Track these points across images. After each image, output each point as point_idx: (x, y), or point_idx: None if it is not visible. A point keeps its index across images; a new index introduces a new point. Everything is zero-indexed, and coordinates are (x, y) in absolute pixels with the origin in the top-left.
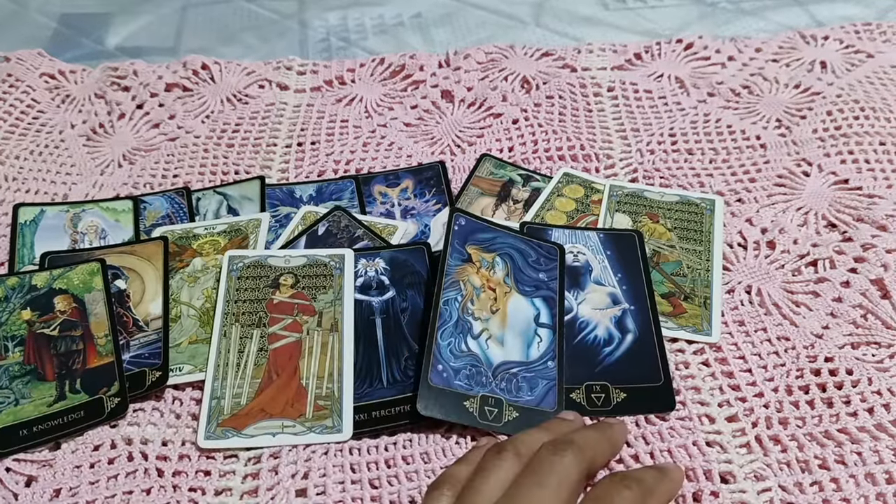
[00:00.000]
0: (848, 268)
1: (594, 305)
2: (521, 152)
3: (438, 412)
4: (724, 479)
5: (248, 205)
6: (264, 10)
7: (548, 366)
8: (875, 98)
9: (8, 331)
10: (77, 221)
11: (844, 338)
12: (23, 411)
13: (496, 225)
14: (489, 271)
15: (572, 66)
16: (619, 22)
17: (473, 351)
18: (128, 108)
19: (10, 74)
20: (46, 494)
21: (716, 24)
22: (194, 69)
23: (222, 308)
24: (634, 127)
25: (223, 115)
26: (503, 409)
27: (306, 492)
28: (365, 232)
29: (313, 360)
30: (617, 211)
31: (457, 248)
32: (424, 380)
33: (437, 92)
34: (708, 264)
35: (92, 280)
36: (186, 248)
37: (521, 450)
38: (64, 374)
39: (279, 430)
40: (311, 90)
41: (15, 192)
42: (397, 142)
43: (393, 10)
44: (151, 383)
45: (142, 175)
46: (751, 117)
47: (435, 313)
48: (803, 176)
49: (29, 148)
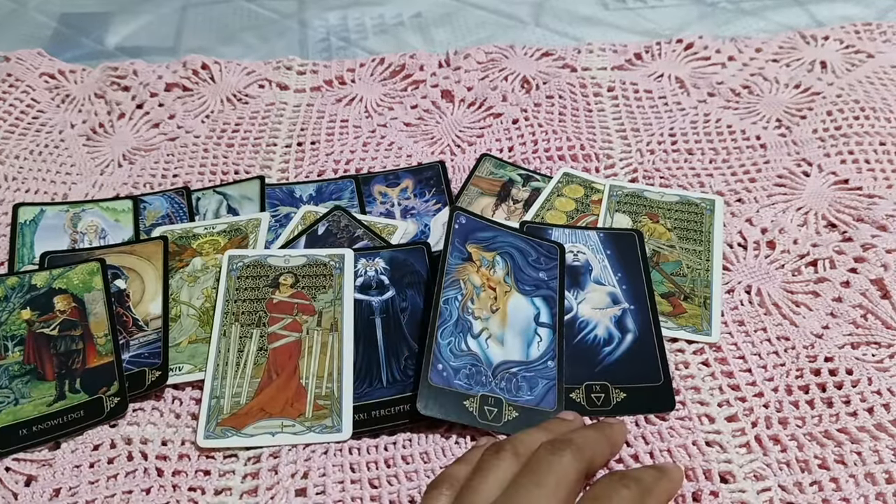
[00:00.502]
0: (848, 268)
1: (594, 305)
2: (521, 152)
3: (438, 412)
4: (724, 478)
5: (248, 204)
6: (264, 9)
7: (548, 365)
8: (875, 98)
9: (8, 330)
10: (77, 221)
11: (844, 338)
12: (22, 411)
13: (496, 224)
14: (489, 270)
15: (572, 66)
16: (620, 22)
17: (473, 350)
18: (128, 107)
19: (10, 74)
20: (46, 494)
21: (716, 25)
22: (194, 69)
23: (222, 307)
24: (634, 127)
25: (223, 114)
26: (503, 408)
27: (306, 491)
28: (365, 232)
29: (313, 360)
30: (617, 211)
31: (457, 247)
32: (424, 379)
33: (437, 92)
34: (708, 264)
35: (92, 280)
36: (186, 247)
37: (520, 449)
38: (64, 373)
39: (279, 429)
40: (311, 90)
41: (15, 191)
42: (397, 142)
43: (393, 10)
44: (151, 383)
45: (142, 175)
46: (751, 117)
47: (435, 312)
48: (803, 176)
49: (29, 148)
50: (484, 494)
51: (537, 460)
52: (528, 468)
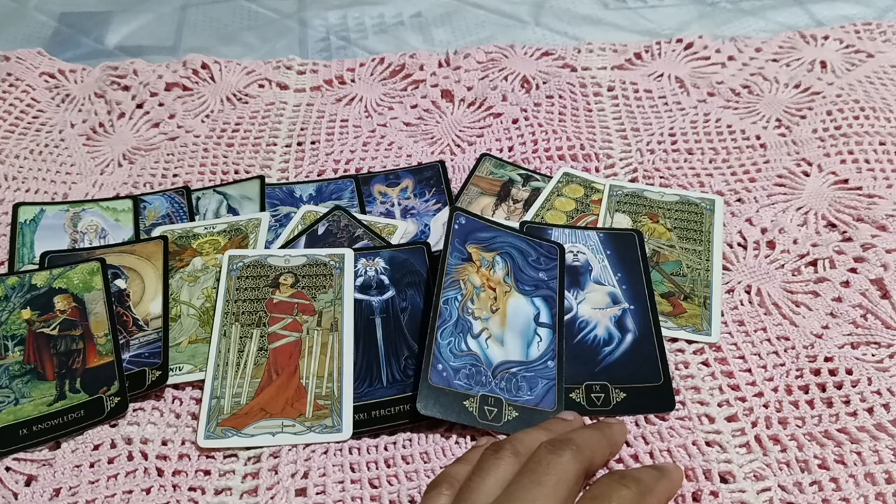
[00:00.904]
0: (848, 268)
1: (594, 305)
2: (520, 152)
3: (438, 412)
4: (724, 478)
5: (248, 204)
6: (264, 9)
7: (547, 365)
8: (875, 98)
9: (8, 330)
10: (77, 221)
11: (844, 337)
12: (23, 410)
13: (496, 224)
14: (489, 270)
15: (572, 65)
16: (619, 22)
17: (473, 350)
18: (128, 107)
19: (10, 73)
20: (46, 494)
21: (716, 24)
22: (194, 68)
23: (222, 307)
24: (634, 126)
25: (223, 114)
26: (503, 408)
27: (306, 491)
28: (365, 231)
29: (313, 360)
30: (617, 211)
31: (457, 247)
32: (424, 379)
33: (437, 91)
34: (708, 264)
35: (92, 279)
36: (186, 247)
37: (520, 449)
38: (64, 373)
39: (279, 429)
40: (310, 89)
41: (15, 191)
42: (397, 141)
43: (393, 10)
44: (151, 383)
45: (142, 174)
46: (751, 117)
47: (435, 313)
48: (803, 176)
49: (29, 147)
50: (484, 494)
51: (537, 460)
52: (527, 467)
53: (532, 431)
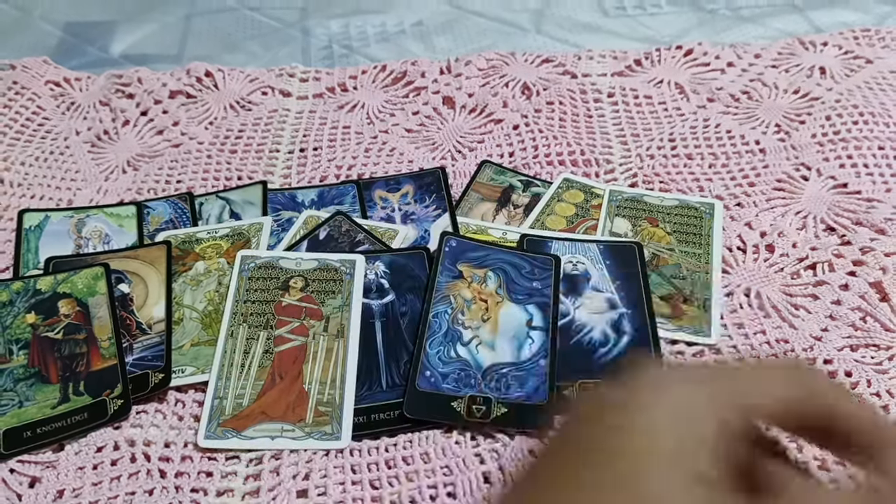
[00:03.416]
0: (847, 271)
1: (591, 310)
2: (521, 158)
3: (425, 413)
4: None
5: (251, 209)
6: (267, 18)
7: (539, 364)
8: (873, 103)
9: (13, 334)
10: (81, 227)
11: (843, 340)
12: (27, 413)
13: (488, 243)
14: (481, 284)
15: (572, 72)
16: (619, 29)
17: (463, 357)
18: (132, 114)
19: (16, 82)
20: (50, 495)
21: (715, 31)
22: (198, 76)
23: (231, 307)
24: (634, 132)
25: (226, 121)
26: (491, 406)
27: (307, 493)
28: (365, 236)
29: (317, 365)
30: (617, 215)
31: (447, 267)
32: (412, 385)
33: (439, 98)
34: (707, 267)
35: (96, 284)
36: (189, 252)
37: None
38: (68, 376)
39: (278, 433)
40: (313, 97)
41: (20, 197)
42: (398, 147)
43: (395, 18)
44: (154, 385)
45: (146, 181)
46: (750, 122)
47: (424, 326)
48: (802, 180)
49: (34, 154)
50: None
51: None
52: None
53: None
